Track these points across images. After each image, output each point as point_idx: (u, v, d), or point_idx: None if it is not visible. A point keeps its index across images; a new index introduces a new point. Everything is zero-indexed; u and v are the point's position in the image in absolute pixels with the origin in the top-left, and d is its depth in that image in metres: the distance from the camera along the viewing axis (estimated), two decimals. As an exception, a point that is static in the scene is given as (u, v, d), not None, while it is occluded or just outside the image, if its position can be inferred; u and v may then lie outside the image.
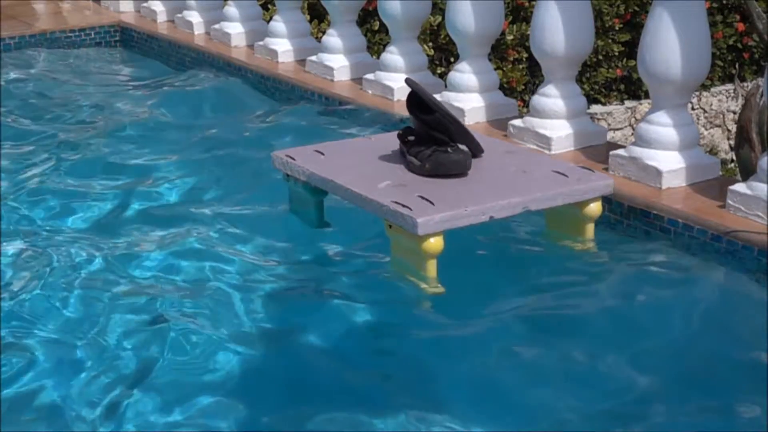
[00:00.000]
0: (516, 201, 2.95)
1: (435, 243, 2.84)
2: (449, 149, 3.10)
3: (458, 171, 3.09)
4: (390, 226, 2.93)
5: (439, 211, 2.84)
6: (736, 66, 8.25)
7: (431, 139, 3.13)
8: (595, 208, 3.08)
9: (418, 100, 3.20)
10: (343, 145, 3.58)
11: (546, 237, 3.25)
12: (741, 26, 7.97)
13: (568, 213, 3.11)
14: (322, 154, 3.36)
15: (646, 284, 3.04)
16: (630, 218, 3.23)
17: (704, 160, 3.37)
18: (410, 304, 2.91)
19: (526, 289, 2.99)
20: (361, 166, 3.22)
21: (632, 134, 6.60)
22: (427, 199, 2.90)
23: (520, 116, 3.95)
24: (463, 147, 3.17)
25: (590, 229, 3.12)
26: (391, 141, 3.36)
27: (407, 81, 3.27)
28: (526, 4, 7.17)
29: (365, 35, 5.85)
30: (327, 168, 3.23)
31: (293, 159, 3.32)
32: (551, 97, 3.73)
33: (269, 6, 6.37)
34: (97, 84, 5.34)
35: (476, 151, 3.24)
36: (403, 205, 2.86)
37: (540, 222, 3.25)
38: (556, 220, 3.18)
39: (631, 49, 7.36)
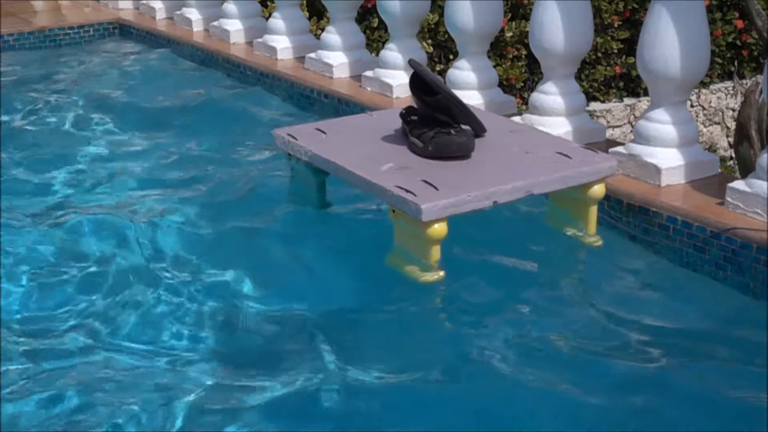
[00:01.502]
0: (520, 185, 2.92)
1: (439, 228, 2.81)
2: (452, 131, 3.06)
3: (461, 153, 3.05)
4: (393, 211, 2.90)
5: (443, 196, 2.81)
6: (735, 63, 8.26)
7: (434, 120, 3.09)
8: (598, 189, 3.07)
9: (421, 82, 3.16)
10: (344, 122, 3.54)
11: (548, 218, 3.23)
12: (740, 23, 7.98)
13: (572, 194, 3.09)
14: (324, 132, 3.32)
15: (644, 281, 3.04)
16: (629, 215, 3.23)
17: (703, 158, 3.37)
18: (413, 288, 2.89)
19: (525, 279, 2.99)
20: (363, 146, 3.18)
21: (631, 131, 6.59)
22: (430, 184, 2.86)
23: (519, 113, 3.95)
24: (466, 128, 3.14)
25: (593, 210, 3.12)
26: (392, 117, 3.32)
27: (410, 62, 3.24)
28: (525, 1, 7.17)
29: (364, 32, 5.86)
30: (329, 149, 3.18)
31: (295, 138, 3.28)
32: (550, 95, 3.73)
33: (268, 3, 6.38)
34: (96, 81, 5.34)
35: (479, 131, 3.22)
36: (407, 191, 2.82)
37: (543, 200, 3.23)
38: (559, 199, 3.17)
39: (630, 47, 7.37)
